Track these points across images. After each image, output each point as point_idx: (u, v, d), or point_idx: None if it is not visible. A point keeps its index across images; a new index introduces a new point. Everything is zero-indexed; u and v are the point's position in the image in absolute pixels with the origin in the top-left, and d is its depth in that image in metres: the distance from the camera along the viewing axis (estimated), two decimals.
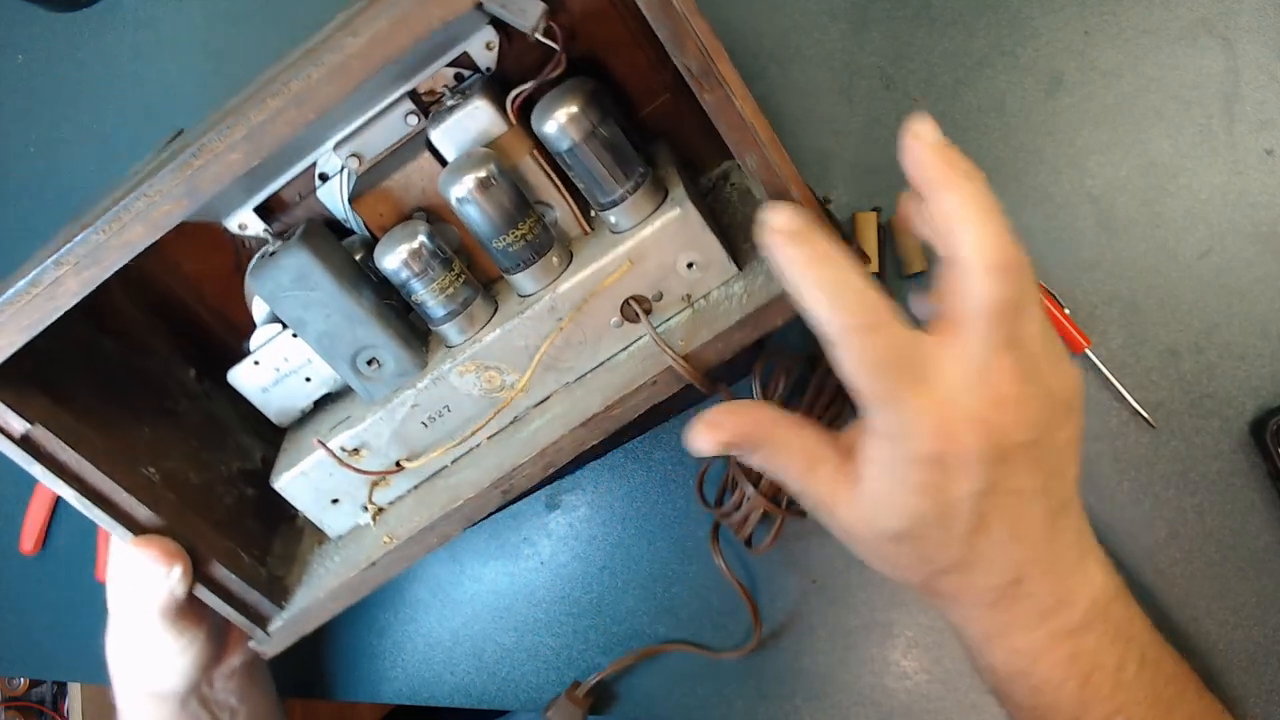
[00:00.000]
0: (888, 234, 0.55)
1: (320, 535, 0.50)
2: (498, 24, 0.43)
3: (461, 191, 0.41)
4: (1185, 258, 0.53)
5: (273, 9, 0.60)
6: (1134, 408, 0.54)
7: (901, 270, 0.55)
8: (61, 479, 0.41)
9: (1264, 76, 0.52)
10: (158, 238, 0.38)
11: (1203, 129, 0.53)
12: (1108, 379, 0.54)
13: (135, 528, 0.43)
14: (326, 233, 0.44)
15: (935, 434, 0.34)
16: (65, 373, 0.43)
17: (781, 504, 0.52)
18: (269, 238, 0.46)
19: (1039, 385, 0.35)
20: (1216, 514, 0.54)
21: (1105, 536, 0.55)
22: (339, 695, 0.64)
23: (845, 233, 0.42)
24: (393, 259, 0.42)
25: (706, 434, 0.38)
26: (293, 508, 0.49)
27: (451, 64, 0.44)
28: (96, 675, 0.66)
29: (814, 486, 0.38)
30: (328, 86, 0.35)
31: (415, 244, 0.42)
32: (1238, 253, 0.53)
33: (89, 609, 0.65)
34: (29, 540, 0.65)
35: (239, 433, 0.52)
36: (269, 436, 0.52)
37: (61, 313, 0.38)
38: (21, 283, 0.38)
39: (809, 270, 0.34)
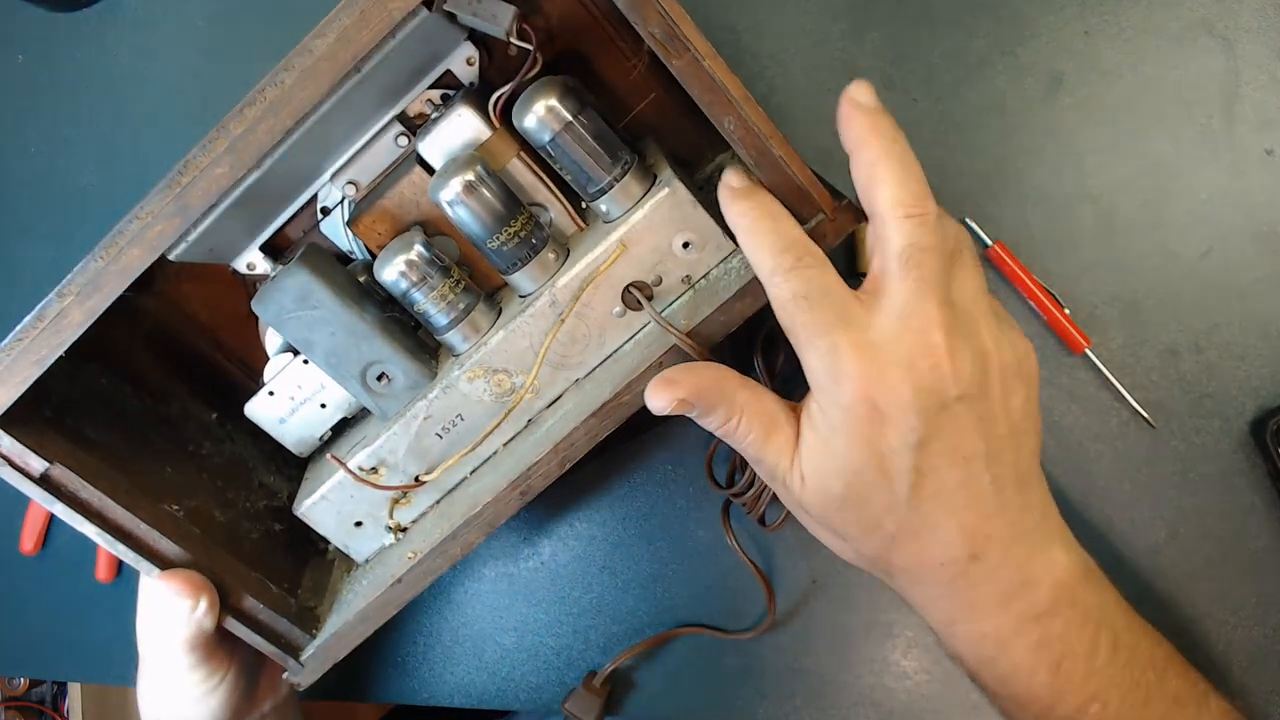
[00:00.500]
0: None
1: (349, 565, 0.50)
2: (476, 39, 0.44)
3: (450, 194, 0.41)
4: (1185, 258, 0.53)
5: (273, 9, 0.60)
6: (1134, 408, 0.54)
7: None
8: (83, 516, 0.42)
9: (1264, 76, 0.52)
10: (154, 259, 0.38)
11: (1203, 129, 0.53)
12: (1108, 379, 0.54)
13: (161, 562, 0.43)
14: (325, 253, 0.44)
15: (864, 376, 0.34)
16: (86, 419, 0.44)
17: None
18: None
19: (973, 342, 0.36)
20: (1216, 514, 0.54)
21: (1105, 536, 0.55)
22: (338, 695, 0.64)
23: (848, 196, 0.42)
24: (391, 270, 0.43)
25: (663, 390, 0.38)
26: (322, 542, 0.48)
27: (436, 84, 0.45)
28: (96, 675, 0.66)
29: (769, 454, 0.38)
30: (301, 91, 0.36)
31: (412, 253, 0.42)
32: (1238, 253, 0.53)
33: (89, 609, 0.65)
34: (29, 540, 0.65)
35: (264, 472, 0.52)
36: (294, 475, 0.52)
37: (70, 344, 0.38)
38: (27, 319, 0.38)
39: (749, 218, 0.37)
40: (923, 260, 0.34)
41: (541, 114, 0.41)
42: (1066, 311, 0.53)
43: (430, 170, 0.44)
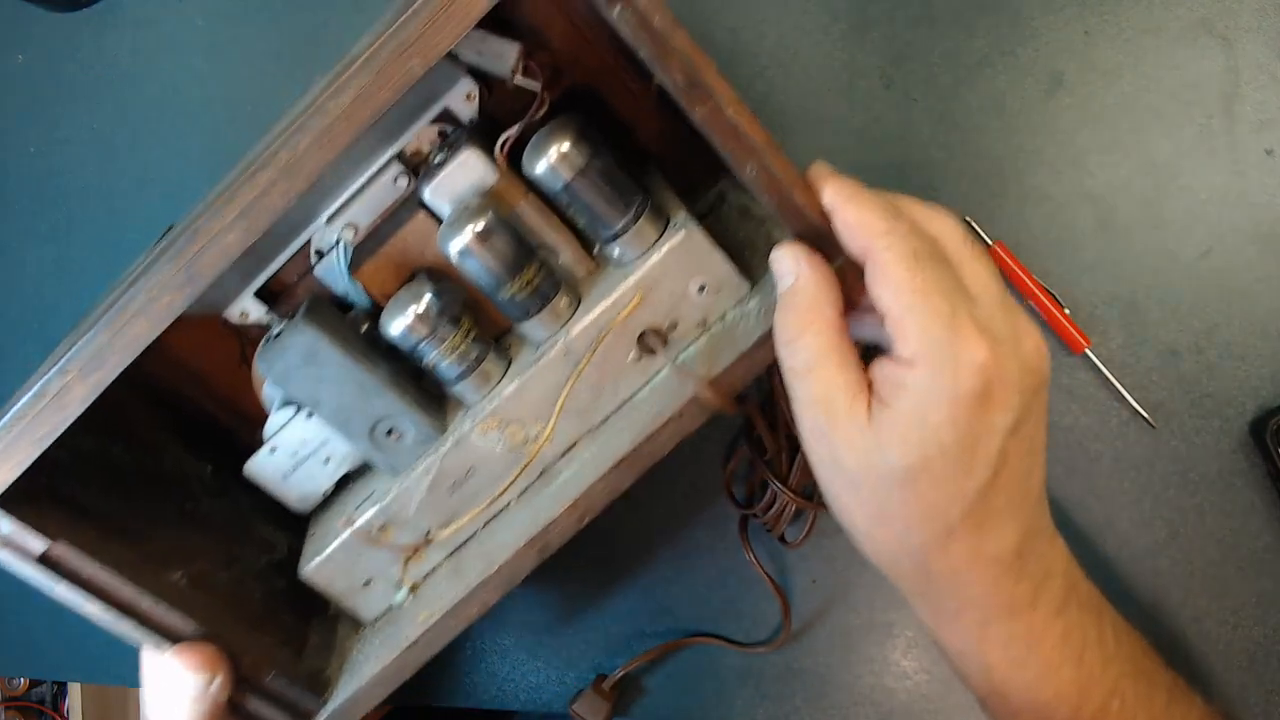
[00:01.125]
0: None
1: (355, 621, 0.49)
2: (475, 74, 0.43)
3: (461, 245, 0.40)
4: (1185, 258, 0.53)
5: (273, 9, 0.60)
6: (1134, 408, 0.54)
7: None
8: (87, 596, 0.39)
9: (1264, 76, 0.53)
10: (162, 330, 0.36)
11: (1203, 129, 0.53)
12: (1108, 379, 0.54)
13: (170, 636, 0.41)
14: (329, 307, 0.43)
15: (988, 350, 0.33)
16: (80, 485, 0.42)
17: (813, 499, 0.53)
18: (272, 322, 0.45)
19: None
20: (1216, 514, 0.54)
21: (1105, 536, 0.55)
22: None
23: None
24: (400, 323, 0.41)
25: (794, 249, 0.37)
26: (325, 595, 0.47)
27: (434, 121, 0.43)
28: (96, 675, 0.66)
29: (832, 397, 0.35)
30: (317, 152, 0.35)
31: (422, 306, 0.41)
32: (1238, 253, 0.53)
33: None
34: None
35: (262, 525, 0.50)
36: (292, 525, 0.50)
37: (71, 421, 0.37)
38: (28, 395, 0.36)
39: (846, 189, 0.36)
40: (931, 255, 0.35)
41: (554, 160, 0.39)
42: (1066, 311, 0.53)
43: (434, 215, 0.43)
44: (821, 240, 0.37)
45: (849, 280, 0.37)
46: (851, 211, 0.35)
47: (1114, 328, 0.54)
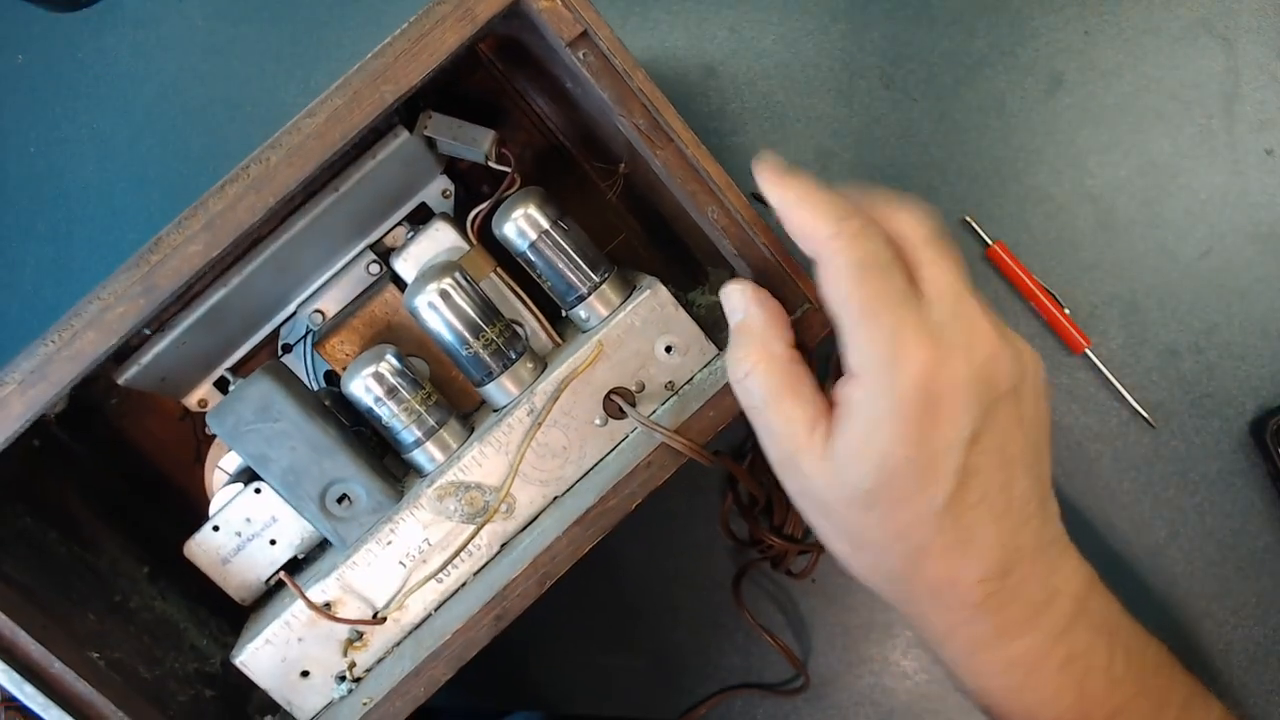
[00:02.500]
0: None
1: None
2: (452, 173, 0.44)
3: (426, 299, 0.40)
4: (1185, 258, 0.53)
5: (273, 9, 0.60)
6: (1134, 408, 0.54)
7: None
8: None
9: (1264, 76, 0.53)
10: (113, 345, 0.34)
11: (1203, 129, 0.53)
12: (1108, 379, 0.54)
13: (75, 710, 0.37)
14: (287, 369, 0.42)
15: (929, 359, 0.31)
16: (6, 555, 0.39)
17: (813, 540, 0.53)
18: None
19: (1008, 332, 0.34)
20: (1216, 514, 0.54)
21: (1105, 536, 0.55)
22: None
23: None
24: (359, 381, 0.40)
25: (742, 285, 0.36)
26: (258, 715, 0.44)
27: (410, 215, 0.44)
28: None
29: (792, 429, 0.34)
30: (287, 169, 0.34)
31: (381, 364, 0.40)
32: (1238, 253, 0.53)
33: None
34: None
35: (197, 635, 0.47)
36: (230, 641, 0.46)
37: (5, 440, 0.34)
38: None
39: (800, 188, 0.34)
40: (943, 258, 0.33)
41: (520, 221, 0.40)
42: (1066, 311, 0.53)
43: (402, 287, 0.42)
44: (785, 285, 0.37)
45: (818, 321, 0.37)
46: (798, 216, 0.34)
47: (1114, 328, 0.54)
